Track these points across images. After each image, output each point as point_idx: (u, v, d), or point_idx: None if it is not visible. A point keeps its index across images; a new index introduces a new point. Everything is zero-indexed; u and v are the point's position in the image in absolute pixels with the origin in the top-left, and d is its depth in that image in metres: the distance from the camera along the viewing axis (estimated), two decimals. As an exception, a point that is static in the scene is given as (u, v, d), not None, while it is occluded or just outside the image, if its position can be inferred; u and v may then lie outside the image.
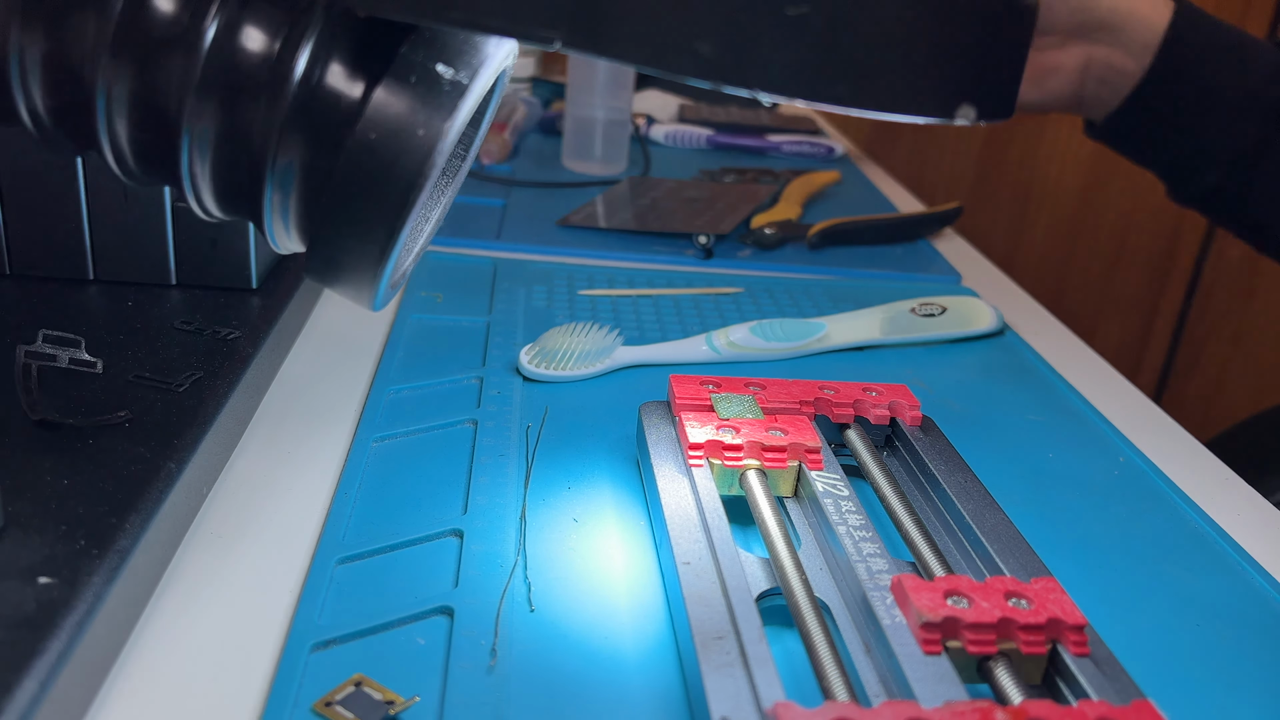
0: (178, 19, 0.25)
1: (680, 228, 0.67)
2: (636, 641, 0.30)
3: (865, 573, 0.30)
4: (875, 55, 0.23)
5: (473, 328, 0.51)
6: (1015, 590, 0.28)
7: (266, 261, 0.48)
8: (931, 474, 0.37)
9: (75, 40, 0.25)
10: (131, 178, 0.28)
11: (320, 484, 0.37)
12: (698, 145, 0.97)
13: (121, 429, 0.34)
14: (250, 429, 0.40)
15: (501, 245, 0.63)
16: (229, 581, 0.32)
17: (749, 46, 0.23)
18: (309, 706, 0.27)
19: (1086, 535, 0.38)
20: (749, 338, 0.50)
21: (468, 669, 0.28)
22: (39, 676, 0.24)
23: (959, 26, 0.23)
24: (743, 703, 0.25)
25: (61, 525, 0.29)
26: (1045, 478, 0.42)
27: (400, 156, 0.25)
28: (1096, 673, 0.27)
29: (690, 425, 0.36)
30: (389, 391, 0.43)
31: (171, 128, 0.26)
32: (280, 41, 0.25)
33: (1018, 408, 0.48)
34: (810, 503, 0.35)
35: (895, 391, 0.40)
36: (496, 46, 0.27)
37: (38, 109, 0.26)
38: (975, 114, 0.24)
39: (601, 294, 0.57)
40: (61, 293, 0.45)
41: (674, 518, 0.33)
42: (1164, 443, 0.46)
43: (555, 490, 0.37)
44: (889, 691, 0.28)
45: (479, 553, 0.33)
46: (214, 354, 0.40)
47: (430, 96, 0.25)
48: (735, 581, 0.29)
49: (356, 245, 0.26)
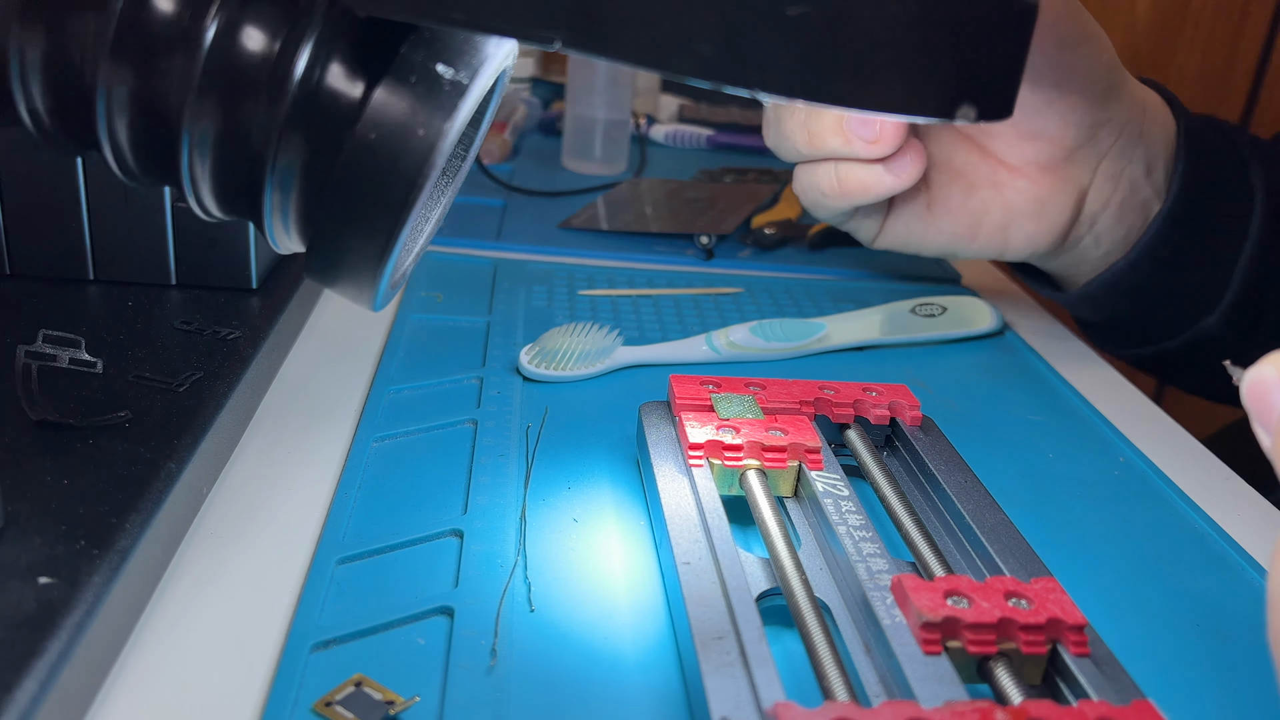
0: (178, 19, 0.25)
1: (681, 228, 0.67)
2: (636, 641, 0.30)
3: (865, 573, 0.30)
4: (875, 55, 0.23)
5: (473, 328, 0.51)
6: (1015, 590, 0.28)
7: (266, 261, 0.48)
8: (931, 474, 0.37)
9: (75, 40, 0.25)
10: (131, 178, 0.28)
11: (320, 484, 0.37)
12: (698, 145, 0.97)
13: (121, 429, 0.34)
14: (250, 429, 0.40)
15: (501, 245, 0.63)
16: (229, 581, 0.32)
17: (749, 46, 0.23)
18: (309, 706, 0.27)
19: (1086, 535, 0.38)
20: (749, 338, 0.50)
21: (468, 669, 0.28)
22: (39, 676, 0.24)
23: (959, 26, 0.23)
24: (743, 703, 0.25)
25: (61, 525, 0.29)
26: (1045, 478, 0.42)
27: (400, 157, 0.25)
28: (1096, 673, 0.27)
29: (690, 425, 0.36)
30: (389, 391, 0.43)
31: (171, 128, 0.26)
32: (280, 41, 0.25)
33: (1018, 408, 0.48)
34: (810, 503, 0.35)
35: (895, 391, 0.40)
36: (496, 46, 0.27)
37: (38, 109, 0.26)
38: (975, 114, 0.24)
39: (601, 294, 0.57)
40: (61, 293, 0.45)
41: (674, 518, 0.33)
42: (1164, 443, 0.46)
43: (555, 490, 0.37)
44: (889, 691, 0.28)
45: (479, 553, 0.33)
46: (214, 354, 0.40)
47: (430, 96, 0.25)
48: (735, 581, 0.29)
49: (356, 245, 0.26)
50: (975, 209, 0.49)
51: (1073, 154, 0.48)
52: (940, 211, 0.49)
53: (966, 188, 0.49)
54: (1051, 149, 0.48)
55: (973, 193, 0.49)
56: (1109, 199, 0.50)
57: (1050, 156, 0.48)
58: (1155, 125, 0.51)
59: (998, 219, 0.49)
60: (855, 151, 0.47)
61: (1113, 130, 0.49)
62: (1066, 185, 0.49)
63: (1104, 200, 0.50)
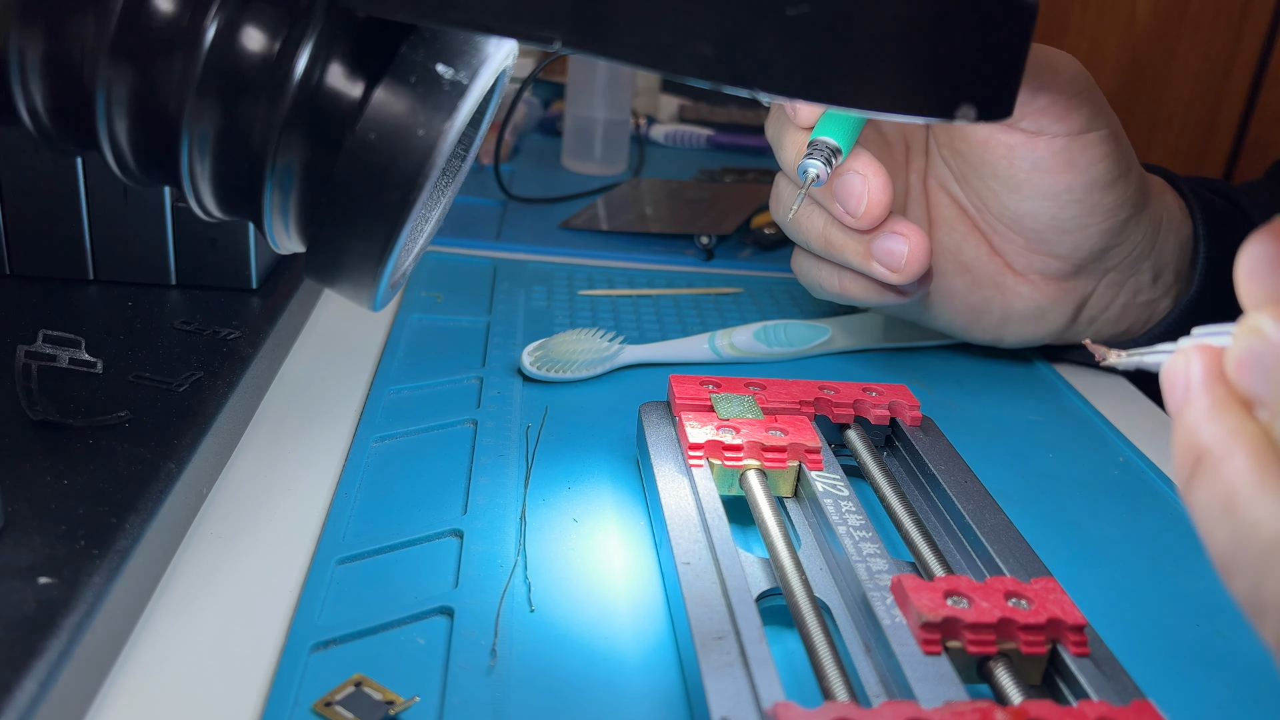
0: (178, 19, 0.25)
1: (681, 228, 0.67)
2: (636, 641, 0.30)
3: (865, 573, 0.30)
4: (875, 55, 0.23)
5: (473, 328, 0.51)
6: (1015, 590, 0.28)
7: (266, 261, 0.48)
8: (931, 474, 0.37)
9: (75, 40, 0.25)
10: (131, 178, 0.28)
11: (320, 484, 0.37)
12: (698, 145, 0.97)
13: (121, 429, 0.34)
14: (250, 429, 0.40)
15: (501, 245, 0.63)
16: (229, 581, 0.32)
17: (749, 46, 0.23)
18: (309, 706, 0.27)
19: (1086, 535, 0.38)
20: (751, 342, 0.50)
21: (468, 669, 0.28)
22: (39, 676, 0.24)
23: (959, 26, 0.23)
24: (743, 703, 0.25)
25: (61, 525, 0.29)
26: (1045, 478, 0.42)
27: (400, 157, 0.25)
28: (1096, 673, 0.27)
29: (690, 425, 0.36)
30: (389, 391, 0.43)
31: (171, 128, 0.26)
32: (280, 41, 0.25)
33: (1018, 408, 0.48)
34: (810, 503, 0.35)
35: (895, 391, 0.40)
36: (496, 46, 0.27)
37: (38, 109, 0.26)
38: (975, 114, 0.24)
39: (601, 294, 0.57)
40: (61, 293, 0.45)
41: (674, 518, 0.33)
42: (1164, 443, 0.46)
43: (555, 490, 0.37)
44: (889, 691, 0.28)
45: (479, 553, 0.33)
46: (214, 354, 0.40)
47: (430, 96, 0.25)
48: (735, 581, 0.29)
49: (356, 245, 0.26)
50: (975, 304, 0.48)
51: (1080, 269, 0.48)
52: (941, 299, 0.49)
53: (971, 283, 0.48)
54: (1060, 265, 0.47)
55: (976, 289, 0.48)
56: (1110, 303, 0.50)
57: (1058, 270, 0.48)
58: (1169, 237, 0.49)
59: (997, 317, 0.49)
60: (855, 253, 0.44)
61: (1125, 250, 0.48)
62: (1069, 295, 0.48)
63: (1105, 305, 0.50)
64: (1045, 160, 0.44)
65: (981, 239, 0.48)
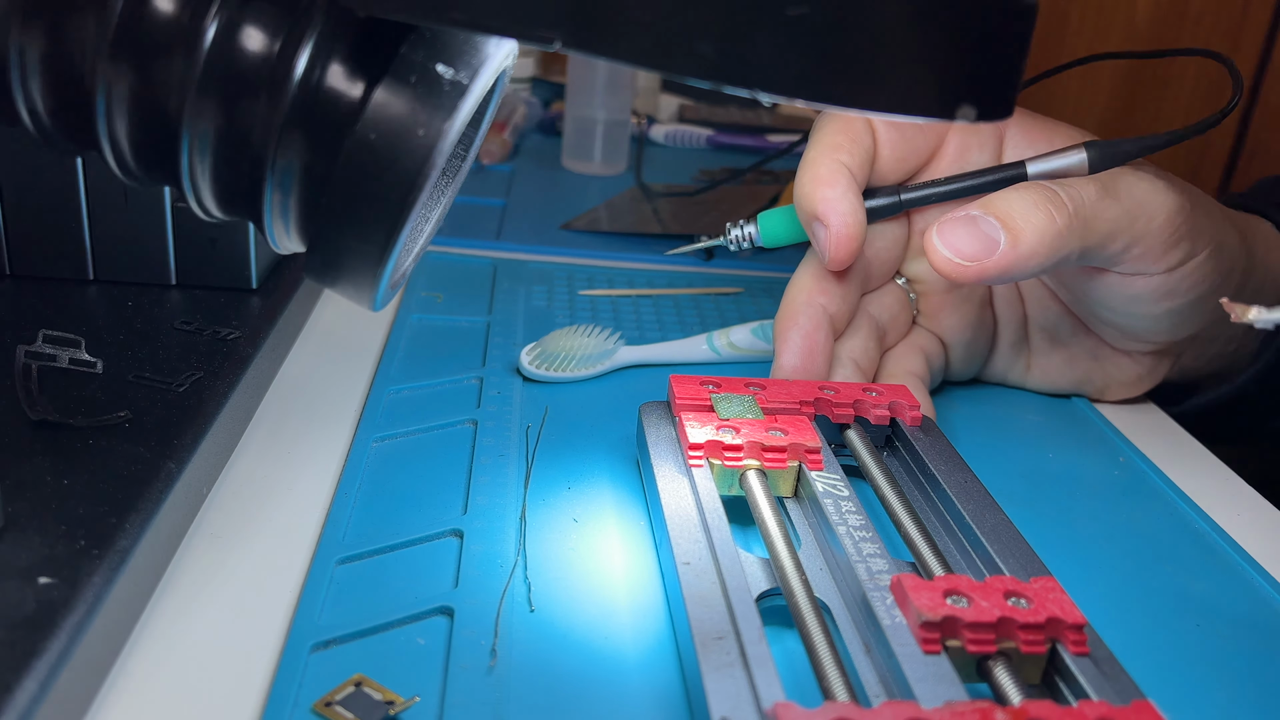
0: (177, 19, 0.25)
1: (681, 229, 0.67)
2: (636, 641, 0.30)
3: (865, 573, 0.30)
4: (875, 55, 0.23)
5: (473, 328, 0.51)
6: (1015, 590, 0.28)
7: (266, 261, 0.48)
8: (931, 474, 0.37)
9: (75, 40, 0.25)
10: (131, 178, 0.28)
11: (320, 484, 0.37)
12: (698, 145, 0.97)
13: (121, 429, 0.34)
14: (250, 429, 0.40)
15: (501, 245, 0.63)
16: (229, 581, 0.32)
17: (749, 46, 0.23)
18: (309, 706, 0.27)
19: (1086, 535, 0.38)
20: (750, 339, 0.50)
21: (468, 669, 0.28)
22: (39, 676, 0.24)
23: (959, 26, 0.23)
24: (743, 703, 0.25)
25: (61, 525, 0.29)
26: (1045, 478, 0.42)
27: (400, 157, 0.25)
28: (1096, 673, 0.27)
29: (690, 425, 0.36)
30: (389, 391, 0.43)
31: (171, 128, 0.26)
32: (280, 41, 0.25)
33: (1018, 408, 0.48)
34: (810, 503, 0.35)
35: (895, 391, 0.40)
36: (496, 46, 0.27)
37: (38, 109, 0.26)
38: (975, 114, 0.24)
39: (601, 294, 0.57)
40: (61, 293, 0.45)
41: (674, 518, 0.33)
42: (1164, 443, 0.46)
43: (555, 490, 0.37)
44: (889, 691, 0.28)
45: (479, 553, 0.33)
46: (214, 354, 0.40)
47: (430, 97, 0.25)
48: (735, 581, 0.29)
49: (356, 245, 0.26)
50: (1075, 378, 0.49)
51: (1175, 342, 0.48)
52: (1039, 372, 0.49)
53: (1068, 359, 0.48)
54: (1155, 345, 0.47)
55: (1074, 364, 0.48)
56: (1203, 353, 0.50)
57: (1153, 347, 0.47)
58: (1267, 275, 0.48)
59: (1096, 385, 0.49)
60: None
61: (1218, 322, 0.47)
62: (1165, 360, 0.48)
63: (1196, 355, 0.50)
64: (1144, 295, 0.42)
65: (1076, 321, 0.48)
